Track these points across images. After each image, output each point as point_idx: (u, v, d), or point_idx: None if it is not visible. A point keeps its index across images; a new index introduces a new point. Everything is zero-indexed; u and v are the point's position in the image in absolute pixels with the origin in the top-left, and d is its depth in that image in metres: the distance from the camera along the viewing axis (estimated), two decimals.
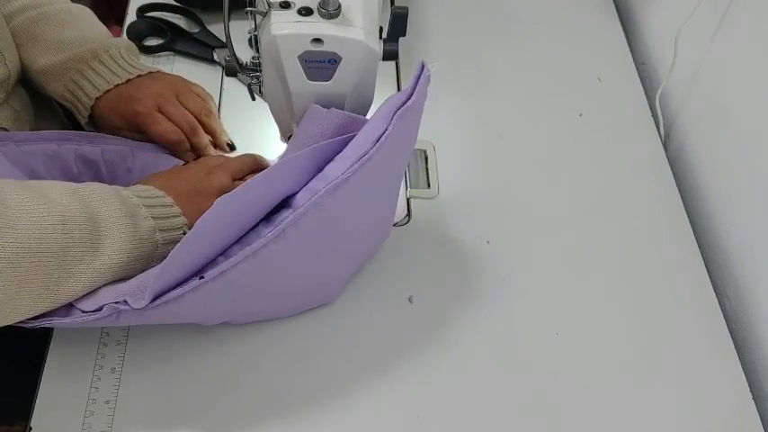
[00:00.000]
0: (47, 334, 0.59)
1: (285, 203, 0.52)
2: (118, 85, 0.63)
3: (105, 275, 0.49)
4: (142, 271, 0.53)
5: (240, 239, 0.51)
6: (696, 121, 0.76)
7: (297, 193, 0.51)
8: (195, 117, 0.66)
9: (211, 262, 0.51)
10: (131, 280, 0.51)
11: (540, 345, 0.61)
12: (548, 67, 0.82)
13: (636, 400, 0.59)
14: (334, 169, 0.50)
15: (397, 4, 0.87)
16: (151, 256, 0.52)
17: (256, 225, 0.52)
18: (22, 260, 0.44)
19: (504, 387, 0.59)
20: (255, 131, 0.71)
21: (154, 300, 0.48)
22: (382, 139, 0.50)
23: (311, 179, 0.51)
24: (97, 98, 0.62)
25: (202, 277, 0.48)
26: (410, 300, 0.63)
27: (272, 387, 0.57)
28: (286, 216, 0.49)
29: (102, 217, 0.49)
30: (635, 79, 0.82)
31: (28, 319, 0.49)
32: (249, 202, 0.49)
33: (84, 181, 0.53)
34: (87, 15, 0.68)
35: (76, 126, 0.69)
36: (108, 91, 0.62)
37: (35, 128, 0.65)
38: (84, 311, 0.50)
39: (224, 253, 0.51)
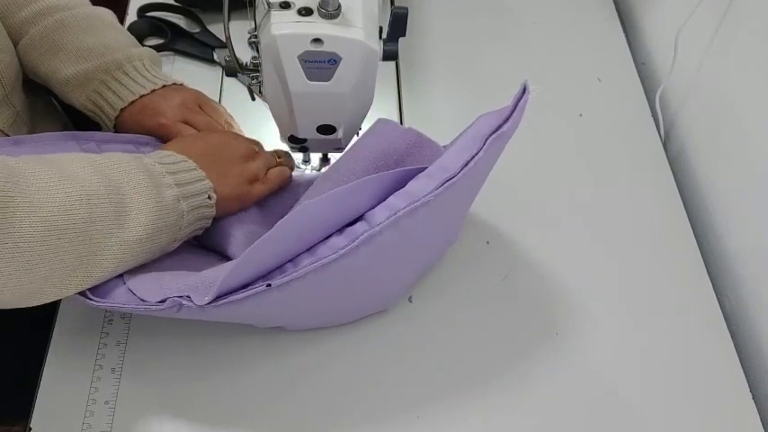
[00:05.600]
0: (47, 334, 0.59)
1: (360, 216, 0.51)
2: (143, 95, 0.62)
3: (134, 247, 0.50)
4: (169, 242, 0.53)
5: (310, 249, 0.51)
6: (696, 121, 0.76)
7: (374, 207, 0.50)
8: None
9: (279, 268, 0.50)
10: (196, 274, 0.51)
11: (539, 345, 0.61)
12: (548, 67, 0.82)
13: (635, 400, 0.59)
14: (417, 188, 0.49)
15: (397, 4, 0.87)
16: (177, 225, 0.52)
17: (329, 236, 0.51)
18: (51, 239, 0.44)
19: (504, 386, 0.59)
20: (255, 132, 0.71)
21: (217, 299, 0.48)
22: (471, 164, 0.49)
23: (389, 196, 0.50)
24: (122, 109, 0.62)
25: (269, 285, 0.47)
26: (410, 299, 0.63)
27: (272, 386, 0.58)
28: (362, 231, 0.48)
29: (125, 189, 0.49)
30: (635, 79, 0.82)
31: (96, 298, 0.50)
32: (328, 213, 0.49)
33: None
34: (108, 19, 0.67)
35: (79, 129, 0.69)
36: (133, 102, 0.62)
37: (33, 130, 0.65)
38: (144, 301, 0.50)
39: (292, 260, 0.50)
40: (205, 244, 0.60)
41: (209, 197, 0.54)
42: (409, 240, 0.52)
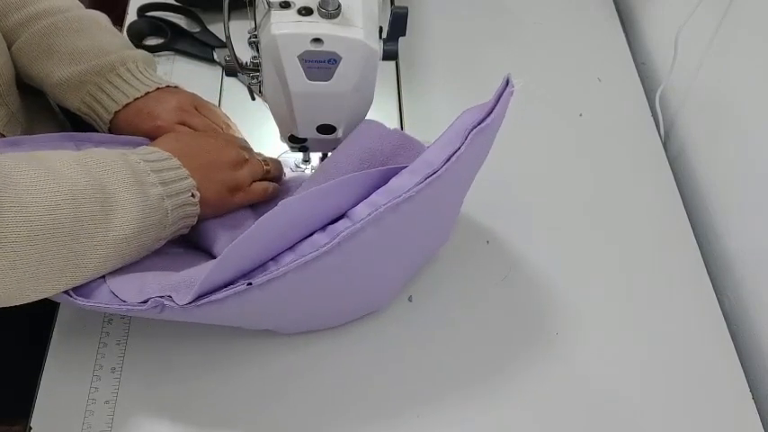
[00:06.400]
0: (47, 334, 0.59)
1: (343, 214, 0.50)
2: (136, 98, 0.62)
3: (121, 246, 0.50)
4: (154, 240, 0.52)
5: (293, 247, 0.50)
6: (696, 121, 0.76)
7: (357, 204, 0.50)
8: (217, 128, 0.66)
9: (261, 266, 0.50)
10: (178, 274, 0.50)
11: (539, 344, 0.61)
12: (548, 67, 0.82)
13: (635, 400, 0.59)
14: (399, 184, 0.48)
15: (397, 3, 0.87)
16: (162, 224, 0.52)
17: (311, 234, 0.50)
18: (38, 237, 0.44)
19: (504, 386, 0.59)
20: (255, 131, 0.71)
21: (198, 298, 0.47)
22: (453, 158, 0.48)
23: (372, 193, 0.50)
24: (116, 112, 0.62)
25: (250, 283, 0.47)
26: (410, 299, 0.63)
27: (273, 387, 0.58)
28: (343, 228, 0.47)
29: (110, 188, 0.49)
30: (635, 79, 0.82)
31: (80, 298, 0.50)
32: (310, 210, 0.48)
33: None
34: (102, 22, 0.66)
35: (76, 129, 0.69)
36: (127, 105, 0.62)
37: (29, 131, 0.65)
38: (126, 302, 0.49)
39: (275, 259, 0.50)
40: (192, 244, 0.60)
41: (193, 195, 0.54)
42: (394, 238, 0.51)
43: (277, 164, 0.65)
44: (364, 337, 0.60)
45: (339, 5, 0.50)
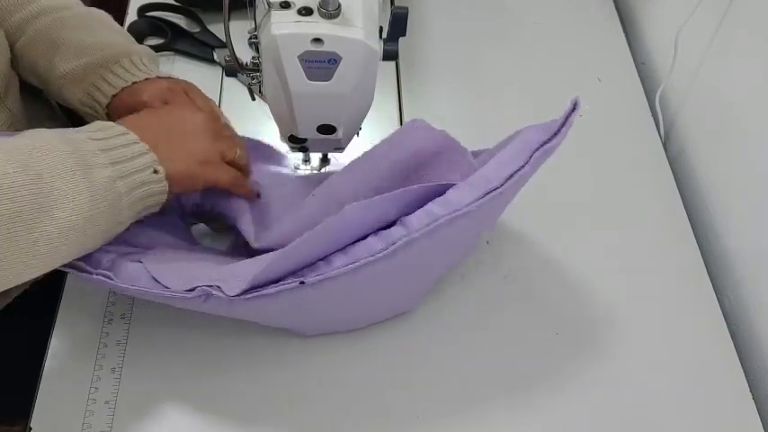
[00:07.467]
0: (47, 334, 0.59)
1: (392, 220, 0.51)
2: (135, 83, 0.61)
3: (70, 235, 0.46)
4: (112, 224, 0.50)
5: (344, 249, 0.50)
6: (696, 121, 0.76)
7: (402, 213, 0.50)
8: None
9: (311, 265, 0.50)
10: (225, 267, 0.50)
11: (539, 344, 0.61)
12: (548, 67, 0.82)
13: (636, 401, 0.59)
14: (458, 197, 0.48)
15: (397, 4, 0.87)
16: (116, 207, 0.49)
17: (365, 236, 0.50)
18: None
19: (503, 386, 0.59)
20: (255, 131, 0.71)
21: (247, 291, 0.47)
22: (516, 177, 0.49)
23: (417, 203, 0.50)
24: (113, 96, 0.60)
25: (303, 282, 0.47)
26: None
27: (272, 387, 0.58)
28: (399, 236, 0.48)
29: (48, 175, 0.45)
30: (635, 79, 0.82)
31: (121, 283, 0.49)
32: (367, 217, 0.49)
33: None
34: (105, 20, 0.67)
35: None
36: (123, 89, 0.61)
37: None
38: (169, 288, 0.49)
39: (325, 259, 0.50)
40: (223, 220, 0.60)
41: (156, 171, 0.50)
42: (443, 246, 0.52)
43: (246, 153, 0.62)
44: (363, 338, 0.60)
45: (339, 5, 0.50)
